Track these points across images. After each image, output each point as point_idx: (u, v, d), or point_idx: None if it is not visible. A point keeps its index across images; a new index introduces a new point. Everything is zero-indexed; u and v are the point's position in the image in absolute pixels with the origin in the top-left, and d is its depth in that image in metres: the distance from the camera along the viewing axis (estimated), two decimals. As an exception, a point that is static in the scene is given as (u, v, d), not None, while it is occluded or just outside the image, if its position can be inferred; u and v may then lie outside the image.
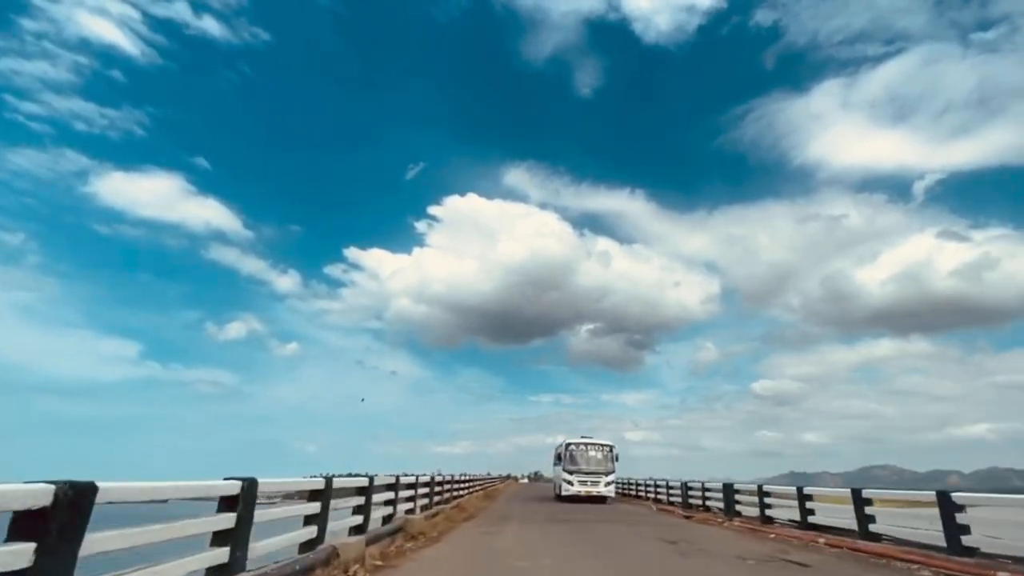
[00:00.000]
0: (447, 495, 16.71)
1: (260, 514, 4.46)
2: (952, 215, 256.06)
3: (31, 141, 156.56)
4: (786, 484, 23.35)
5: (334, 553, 5.86)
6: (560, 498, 21.82)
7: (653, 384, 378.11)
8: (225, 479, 4.17)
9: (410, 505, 11.00)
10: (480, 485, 28.70)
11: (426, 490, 12.68)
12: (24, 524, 2.35)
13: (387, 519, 9.15)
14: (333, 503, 6.36)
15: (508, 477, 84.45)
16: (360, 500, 7.52)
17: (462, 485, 21.37)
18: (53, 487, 2.42)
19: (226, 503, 4.12)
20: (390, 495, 9.31)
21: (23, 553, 2.30)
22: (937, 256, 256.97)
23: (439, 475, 16.03)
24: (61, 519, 2.44)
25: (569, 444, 22.11)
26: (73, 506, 2.50)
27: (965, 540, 7.01)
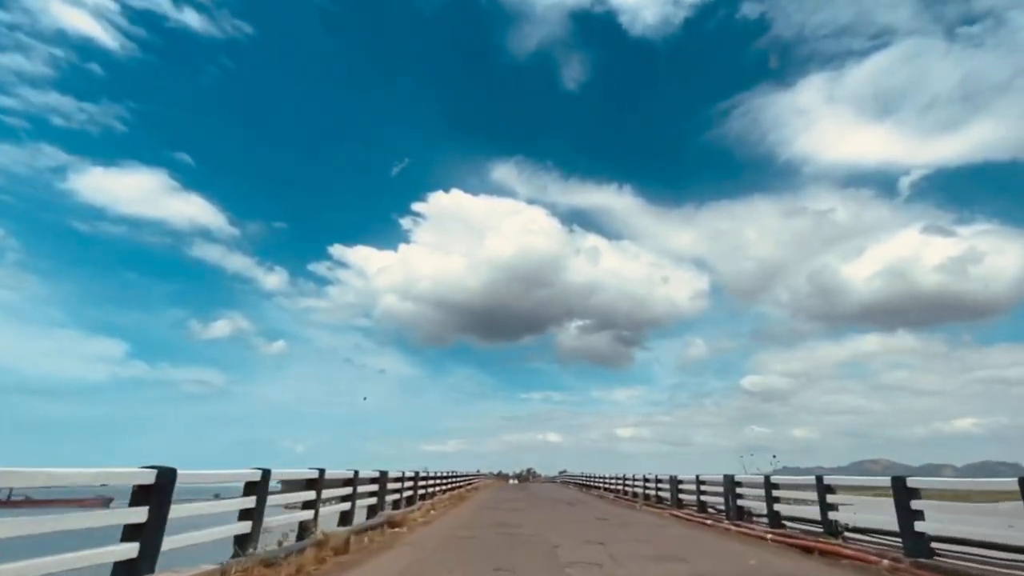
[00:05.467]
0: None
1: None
2: (937, 210, 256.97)
3: (6, 136, 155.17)
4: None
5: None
6: None
7: (643, 380, 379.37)
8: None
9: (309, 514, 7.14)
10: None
11: (349, 490, 8.83)
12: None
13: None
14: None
15: (479, 475, 44.19)
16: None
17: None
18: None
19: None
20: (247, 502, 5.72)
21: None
22: (922, 251, 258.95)
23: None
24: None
25: None
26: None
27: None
